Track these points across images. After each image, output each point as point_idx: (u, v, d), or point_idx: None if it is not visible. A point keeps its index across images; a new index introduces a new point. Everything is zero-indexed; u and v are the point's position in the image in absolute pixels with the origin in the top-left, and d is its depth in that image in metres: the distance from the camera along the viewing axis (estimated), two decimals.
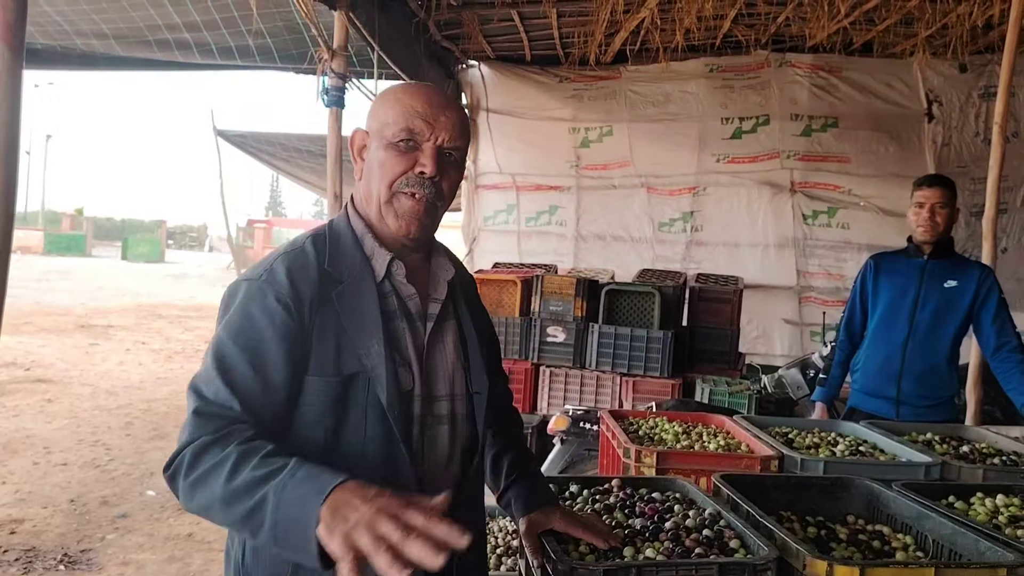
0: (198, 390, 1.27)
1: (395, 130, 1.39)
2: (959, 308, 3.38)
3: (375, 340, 1.34)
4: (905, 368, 3.43)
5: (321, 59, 4.62)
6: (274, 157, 10.51)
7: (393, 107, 1.41)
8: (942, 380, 3.43)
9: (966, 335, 3.49)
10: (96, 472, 5.68)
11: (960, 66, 7.19)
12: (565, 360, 5.68)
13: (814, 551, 1.46)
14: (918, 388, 3.42)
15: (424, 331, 1.44)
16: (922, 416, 3.29)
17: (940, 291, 3.41)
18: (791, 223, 7.71)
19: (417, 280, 1.48)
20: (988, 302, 3.37)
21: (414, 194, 1.39)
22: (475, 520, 1.49)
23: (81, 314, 14.71)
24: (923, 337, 3.42)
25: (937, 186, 3.40)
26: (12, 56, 1.64)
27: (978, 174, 7.19)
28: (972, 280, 3.38)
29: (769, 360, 7.23)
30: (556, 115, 8.23)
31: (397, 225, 1.41)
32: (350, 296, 1.37)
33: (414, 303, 1.44)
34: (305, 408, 1.33)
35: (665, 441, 2.47)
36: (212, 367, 1.28)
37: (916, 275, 3.48)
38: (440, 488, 1.36)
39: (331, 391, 1.32)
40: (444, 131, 1.40)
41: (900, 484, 1.88)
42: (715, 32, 7.17)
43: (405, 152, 1.39)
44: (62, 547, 4.33)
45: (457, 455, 1.43)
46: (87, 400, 7.94)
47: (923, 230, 3.42)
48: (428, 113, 1.39)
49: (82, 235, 39.89)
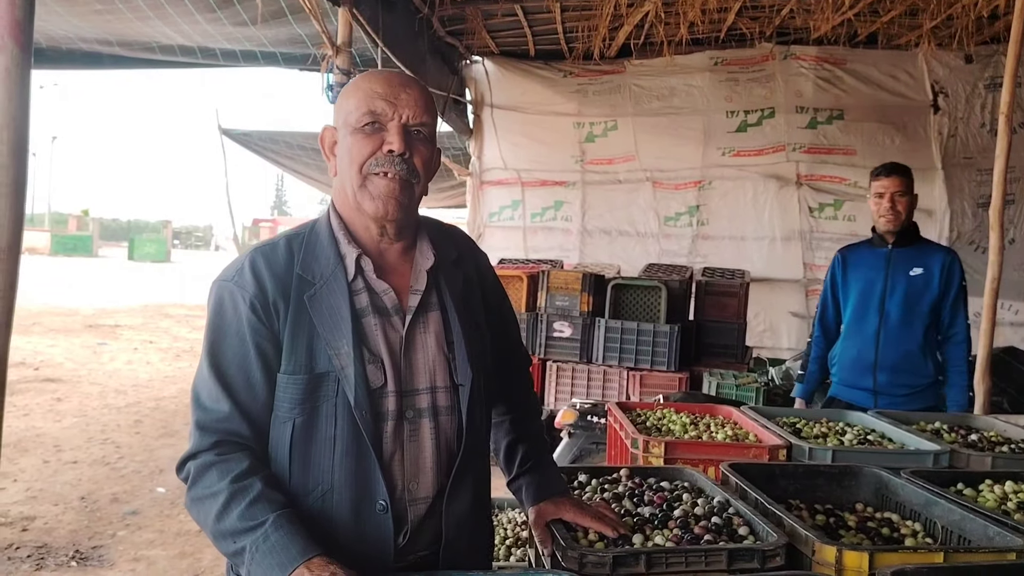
0: (197, 395, 1.38)
1: (358, 115, 1.40)
2: (926, 295, 3.40)
3: (345, 340, 1.36)
4: (879, 359, 3.44)
5: (325, 56, 4.64)
6: (279, 155, 10.53)
7: (354, 95, 1.42)
8: (917, 368, 3.43)
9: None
10: (106, 470, 5.71)
11: (966, 57, 7.17)
12: (572, 355, 5.69)
13: (823, 537, 1.46)
14: (894, 378, 3.43)
15: (403, 325, 1.43)
16: (901, 406, 3.28)
17: (907, 279, 3.43)
18: (797, 216, 7.69)
19: (397, 273, 1.47)
20: (949, 289, 3.40)
21: (386, 173, 1.39)
22: (473, 505, 1.47)
23: (89, 314, 14.77)
24: (894, 327, 3.43)
25: (895, 175, 3.41)
26: (21, 54, 1.65)
27: (984, 165, 7.16)
28: (936, 265, 3.42)
29: (776, 353, 7.22)
30: (560, 110, 8.23)
31: (374, 207, 1.40)
32: (322, 298, 1.38)
33: (389, 298, 1.43)
34: (276, 403, 1.37)
35: (673, 432, 2.47)
36: (205, 366, 1.38)
37: (882, 265, 3.49)
38: (422, 479, 1.39)
39: (300, 388, 1.35)
40: (407, 108, 1.40)
41: (909, 472, 1.89)
42: (719, 25, 7.16)
43: (371, 134, 1.39)
44: (73, 544, 4.35)
45: (443, 447, 1.43)
46: (96, 399, 7.98)
47: (885, 220, 3.43)
48: (388, 93, 1.40)
49: (88, 236, 40.03)
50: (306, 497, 1.35)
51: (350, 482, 1.35)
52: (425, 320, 1.46)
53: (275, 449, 1.38)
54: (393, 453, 1.38)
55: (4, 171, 1.64)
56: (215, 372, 1.36)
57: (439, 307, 1.48)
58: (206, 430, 1.35)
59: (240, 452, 1.34)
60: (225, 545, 1.28)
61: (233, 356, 1.37)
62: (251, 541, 1.23)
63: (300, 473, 1.36)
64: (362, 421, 1.34)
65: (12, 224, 1.67)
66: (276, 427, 1.38)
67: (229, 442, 1.34)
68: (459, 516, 1.44)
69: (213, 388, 1.36)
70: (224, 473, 1.30)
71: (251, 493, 1.28)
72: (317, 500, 1.35)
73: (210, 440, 1.34)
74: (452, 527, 1.42)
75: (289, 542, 1.22)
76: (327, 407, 1.35)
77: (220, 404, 1.35)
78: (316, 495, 1.35)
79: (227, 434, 1.35)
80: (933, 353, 3.45)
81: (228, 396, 1.35)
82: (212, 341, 1.39)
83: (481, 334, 1.52)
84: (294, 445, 1.36)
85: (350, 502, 1.35)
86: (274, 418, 1.38)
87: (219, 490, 1.28)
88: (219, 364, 1.37)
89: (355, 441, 1.35)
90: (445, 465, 1.43)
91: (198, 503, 1.31)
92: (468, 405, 1.44)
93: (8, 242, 1.67)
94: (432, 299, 1.48)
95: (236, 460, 1.32)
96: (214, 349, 1.38)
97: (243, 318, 1.36)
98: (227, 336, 1.37)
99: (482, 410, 1.52)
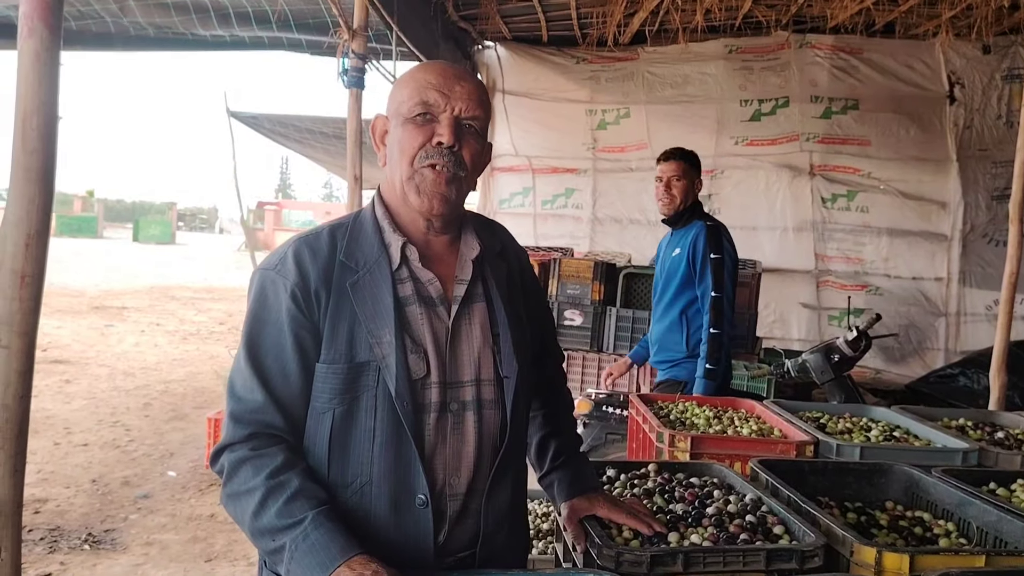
0: (232, 383, 1.37)
1: (410, 105, 1.38)
2: (678, 273, 3.50)
3: (387, 329, 1.34)
4: (654, 336, 3.70)
5: (341, 39, 4.59)
6: (287, 138, 10.48)
7: (408, 85, 1.41)
8: (675, 343, 3.54)
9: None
10: (117, 452, 5.72)
11: (984, 47, 7.09)
12: (583, 343, 5.67)
13: (861, 538, 1.45)
14: (659, 353, 3.65)
15: (449, 315, 1.41)
16: (668, 375, 3.57)
17: (670, 259, 3.58)
18: (809, 206, 7.65)
19: (443, 263, 1.45)
20: (695, 262, 3.45)
21: (434, 165, 1.37)
22: (512, 502, 1.46)
23: (95, 295, 14.79)
24: (661, 306, 3.64)
25: (672, 160, 3.51)
26: (51, 37, 1.62)
27: (999, 157, 7.12)
28: (688, 243, 3.48)
29: (786, 344, 7.20)
30: (573, 97, 8.16)
31: (420, 202, 1.38)
32: (365, 286, 1.37)
33: (435, 287, 1.41)
34: (315, 394, 1.35)
35: (697, 426, 2.46)
36: (242, 356, 1.36)
37: (663, 247, 3.73)
38: (464, 473, 1.38)
39: (340, 378, 1.33)
40: (460, 101, 1.38)
41: (940, 470, 1.87)
42: (735, 12, 7.08)
43: (422, 125, 1.37)
44: (86, 527, 4.36)
45: (486, 440, 1.40)
46: (105, 381, 7.98)
47: (661, 204, 3.57)
48: (442, 84, 1.38)
49: (94, 217, 40.02)
50: (344, 490, 1.34)
51: (389, 475, 1.33)
52: (470, 311, 1.44)
53: (313, 441, 1.36)
54: (435, 446, 1.36)
55: (35, 156, 1.62)
56: (251, 361, 1.34)
57: (484, 298, 1.46)
58: (240, 421, 1.33)
59: (275, 446, 1.32)
60: (264, 543, 1.27)
61: (271, 346, 1.35)
62: (291, 539, 1.22)
63: (338, 465, 1.34)
64: (403, 412, 1.32)
65: (41, 210, 1.66)
66: (314, 418, 1.36)
67: (264, 435, 1.32)
68: (498, 512, 1.42)
69: (248, 378, 1.34)
70: (259, 468, 1.28)
71: (289, 489, 1.26)
72: (355, 493, 1.33)
73: (244, 432, 1.32)
74: (491, 523, 1.40)
75: (330, 540, 1.21)
76: (367, 398, 1.33)
77: (254, 394, 1.33)
78: (354, 488, 1.33)
79: (262, 426, 1.33)
80: (684, 330, 3.53)
81: (263, 386, 1.33)
82: (251, 330, 1.37)
83: (524, 327, 1.51)
84: (333, 437, 1.34)
85: (389, 495, 1.33)
86: (312, 409, 1.36)
87: (255, 486, 1.27)
88: (256, 354, 1.35)
89: (395, 433, 1.33)
90: (488, 459, 1.40)
91: (234, 500, 1.30)
92: (513, 399, 1.42)
93: (38, 228, 1.65)
94: (477, 290, 1.46)
95: (271, 455, 1.30)
96: (252, 338, 1.36)
97: (283, 307, 1.34)
98: (266, 325, 1.36)
99: (524, 404, 1.50)
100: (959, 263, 7.37)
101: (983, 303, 7.36)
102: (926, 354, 7.48)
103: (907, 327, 7.48)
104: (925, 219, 7.45)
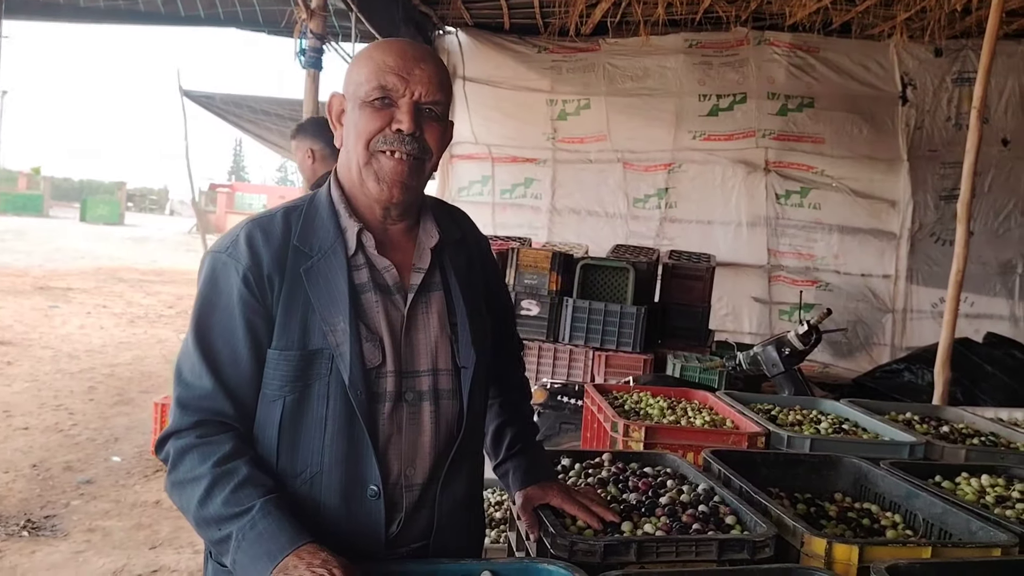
0: (179, 369, 1.32)
1: (368, 88, 1.33)
2: None
3: (341, 316, 1.30)
4: None
5: (299, 19, 4.51)
6: (241, 119, 10.27)
7: (366, 65, 1.35)
8: None
9: None
10: (59, 437, 5.56)
11: (935, 50, 7.26)
12: (539, 334, 5.66)
13: (811, 529, 1.46)
14: None
15: (404, 303, 1.38)
16: None
17: None
18: (764, 202, 7.76)
19: (401, 250, 1.42)
20: None
21: (394, 152, 1.32)
22: (468, 493, 1.45)
23: (39, 276, 14.35)
24: None
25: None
26: None
27: (948, 159, 7.29)
28: None
29: (737, 337, 7.30)
30: (534, 86, 8.16)
31: (379, 190, 1.34)
32: (319, 272, 1.32)
33: (391, 275, 1.38)
34: (266, 381, 1.31)
35: (651, 416, 2.47)
36: (191, 340, 1.32)
37: None
38: (420, 465, 1.35)
39: (292, 365, 1.30)
40: (420, 85, 1.32)
41: (888, 463, 1.90)
42: (696, 7, 7.13)
43: (380, 110, 1.32)
44: (25, 512, 4.23)
45: (443, 431, 1.38)
46: (48, 363, 7.76)
47: None
48: (401, 67, 1.32)
49: (39, 195, 38.82)
50: (294, 480, 1.30)
51: (340, 465, 1.29)
52: (428, 300, 1.41)
53: (262, 429, 1.32)
54: (390, 436, 1.33)
55: None
56: (200, 347, 1.30)
57: (442, 287, 1.43)
58: (187, 408, 1.28)
59: (223, 433, 1.28)
60: (209, 532, 1.22)
61: (221, 331, 1.30)
62: (237, 528, 1.18)
63: (288, 454, 1.31)
64: (357, 401, 1.28)
65: None
66: (264, 406, 1.32)
67: (211, 422, 1.28)
68: (454, 503, 1.40)
69: (196, 363, 1.29)
70: (206, 456, 1.24)
71: (236, 477, 1.22)
72: (305, 483, 1.30)
73: (191, 419, 1.27)
74: (446, 514, 1.38)
75: (278, 529, 1.17)
76: (319, 386, 1.30)
77: (203, 380, 1.29)
78: (304, 478, 1.30)
79: (209, 413, 1.28)
80: None
81: (212, 372, 1.29)
82: (200, 314, 1.32)
83: (483, 317, 1.48)
84: (283, 425, 1.30)
85: (340, 486, 1.30)
86: (263, 396, 1.32)
87: (202, 474, 1.22)
88: (205, 338, 1.30)
89: (348, 422, 1.29)
90: (443, 450, 1.38)
91: (179, 488, 1.25)
92: (470, 389, 1.40)
93: None
94: (435, 278, 1.43)
95: (219, 442, 1.26)
96: (201, 323, 1.31)
97: (235, 291, 1.30)
98: (216, 309, 1.31)
99: (482, 395, 1.48)
100: (907, 261, 7.55)
101: (929, 301, 7.55)
102: (873, 349, 7.65)
103: (855, 323, 7.65)
104: (875, 217, 7.62)
